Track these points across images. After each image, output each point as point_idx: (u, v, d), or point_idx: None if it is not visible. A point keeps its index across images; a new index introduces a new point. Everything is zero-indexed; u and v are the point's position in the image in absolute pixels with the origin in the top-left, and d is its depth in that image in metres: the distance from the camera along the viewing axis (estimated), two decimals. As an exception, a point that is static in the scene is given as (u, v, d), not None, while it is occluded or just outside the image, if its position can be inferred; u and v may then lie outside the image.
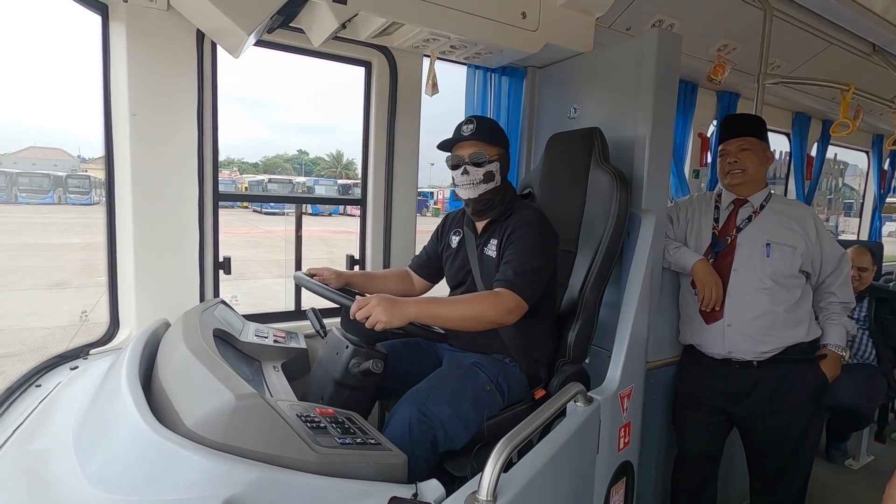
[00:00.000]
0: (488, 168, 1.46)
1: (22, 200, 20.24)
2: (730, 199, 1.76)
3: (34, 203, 20.08)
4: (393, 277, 1.77)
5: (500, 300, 1.32)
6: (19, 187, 20.56)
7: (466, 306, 1.30)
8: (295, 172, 46.10)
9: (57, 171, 23.71)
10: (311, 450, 0.92)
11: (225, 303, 1.67)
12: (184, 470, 0.84)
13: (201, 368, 1.02)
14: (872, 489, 2.53)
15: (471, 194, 1.49)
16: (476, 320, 1.29)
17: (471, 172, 1.46)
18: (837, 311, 1.70)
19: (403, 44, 1.81)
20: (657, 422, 1.85)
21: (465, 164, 1.46)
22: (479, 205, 1.51)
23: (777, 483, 1.72)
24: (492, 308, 1.30)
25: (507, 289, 1.33)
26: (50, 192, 20.97)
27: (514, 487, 0.99)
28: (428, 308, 1.26)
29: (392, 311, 1.18)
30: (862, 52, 2.88)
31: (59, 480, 0.88)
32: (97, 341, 1.61)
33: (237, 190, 22.75)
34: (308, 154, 55.71)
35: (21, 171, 22.26)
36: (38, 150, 34.72)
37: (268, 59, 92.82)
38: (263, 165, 51.89)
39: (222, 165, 37.52)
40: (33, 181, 21.17)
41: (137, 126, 1.56)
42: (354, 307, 1.20)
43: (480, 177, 1.46)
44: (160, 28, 1.55)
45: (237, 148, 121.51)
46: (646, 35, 1.67)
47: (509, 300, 1.32)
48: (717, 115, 3.10)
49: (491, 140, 1.48)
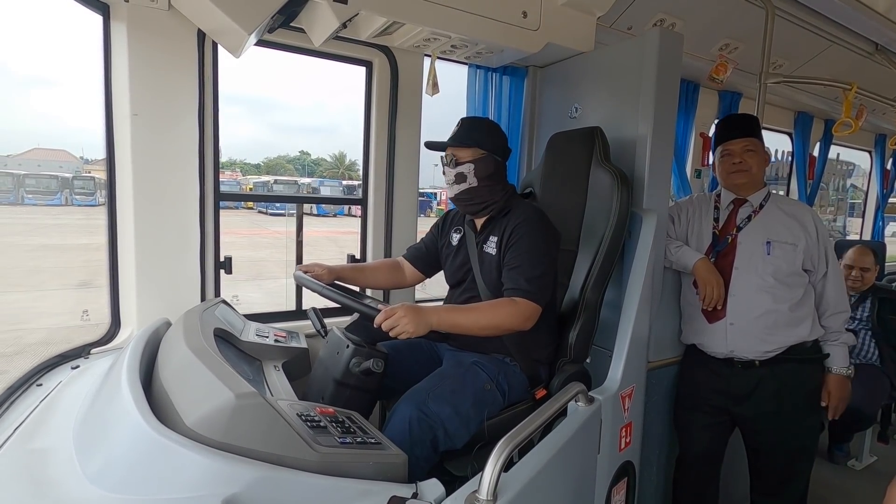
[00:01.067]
0: (459, 170, 1.50)
1: (28, 202, 20.31)
2: (729, 199, 1.76)
3: (41, 204, 20.17)
4: (383, 270, 1.77)
5: (519, 309, 1.35)
6: (26, 189, 20.65)
7: (486, 315, 1.34)
8: (297, 173, 46.15)
9: (62, 172, 23.77)
10: (311, 449, 0.92)
11: (226, 302, 1.67)
12: (184, 469, 0.84)
13: (202, 367, 1.02)
14: (875, 490, 2.52)
15: (450, 193, 1.56)
16: (495, 329, 1.35)
17: (447, 174, 1.53)
18: (835, 328, 1.68)
19: (404, 43, 1.81)
20: (659, 422, 1.85)
21: (445, 165, 1.53)
22: (460, 203, 1.56)
23: (779, 484, 1.71)
24: (511, 318, 1.34)
25: (524, 298, 1.36)
26: (58, 193, 21.10)
27: (514, 487, 0.99)
28: (449, 316, 1.30)
29: (418, 322, 1.22)
30: (864, 51, 2.87)
31: (59, 479, 0.88)
32: (98, 341, 1.62)
33: (241, 192, 22.85)
34: (310, 155, 55.90)
35: (28, 172, 22.30)
36: (42, 152, 34.83)
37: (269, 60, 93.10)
38: (266, 166, 51.96)
39: (224, 167, 37.41)
40: (40, 182, 21.28)
41: (138, 126, 1.56)
42: (381, 317, 1.21)
43: (453, 178, 1.51)
44: (161, 28, 1.55)
45: (238, 148, 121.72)
46: (647, 34, 1.67)
47: (527, 309, 1.36)
48: (719, 115, 3.10)
49: (466, 142, 1.50)
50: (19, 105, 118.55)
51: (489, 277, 1.51)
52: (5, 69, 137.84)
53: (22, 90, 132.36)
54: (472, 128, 1.54)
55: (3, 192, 20.45)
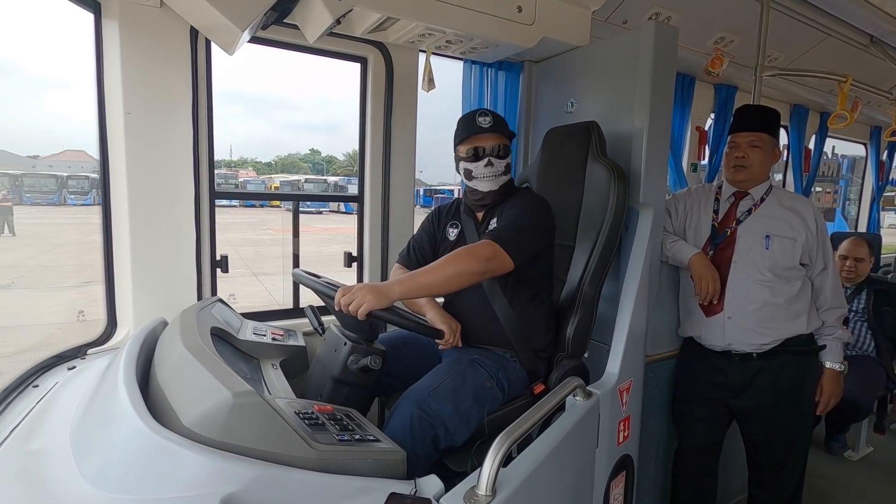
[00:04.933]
0: (508, 160, 1.50)
1: (71, 202, 20.92)
2: (730, 192, 1.76)
3: (80, 204, 20.67)
4: None
5: (476, 249, 1.31)
6: (69, 189, 21.25)
7: (445, 266, 1.29)
8: (311, 171, 45.97)
9: (84, 172, 24.06)
10: (309, 447, 0.92)
11: (223, 301, 1.67)
12: (181, 468, 0.84)
13: (198, 367, 1.02)
14: (872, 480, 2.54)
15: (492, 186, 1.50)
16: (459, 276, 1.28)
17: (495, 164, 1.48)
18: (830, 322, 1.69)
19: (399, 39, 1.80)
20: (657, 415, 1.85)
21: (489, 155, 1.48)
22: (498, 197, 1.53)
23: (776, 475, 1.72)
24: (469, 259, 1.29)
25: (488, 239, 1.34)
26: (89, 192, 21.49)
27: (513, 482, 0.99)
28: (411, 281, 1.27)
29: (378, 293, 1.19)
30: (859, 43, 2.87)
31: (56, 480, 0.87)
32: (94, 341, 1.61)
33: (267, 191, 23.27)
34: (320, 153, 55.51)
35: (70, 174, 22.88)
36: (71, 153, 34.64)
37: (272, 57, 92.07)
38: (279, 165, 51.64)
39: (238, 166, 38.02)
40: (79, 183, 21.88)
41: (132, 124, 1.55)
42: (338, 295, 1.21)
43: (503, 168, 1.49)
44: (154, 25, 1.53)
45: (247, 147, 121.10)
46: (642, 28, 1.66)
47: (484, 248, 1.31)
48: (715, 109, 3.10)
49: (506, 133, 1.51)
50: (35, 106, 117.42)
51: None
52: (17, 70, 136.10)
53: (38, 91, 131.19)
54: (504, 120, 1.55)
55: (46, 194, 20.97)
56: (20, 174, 21.92)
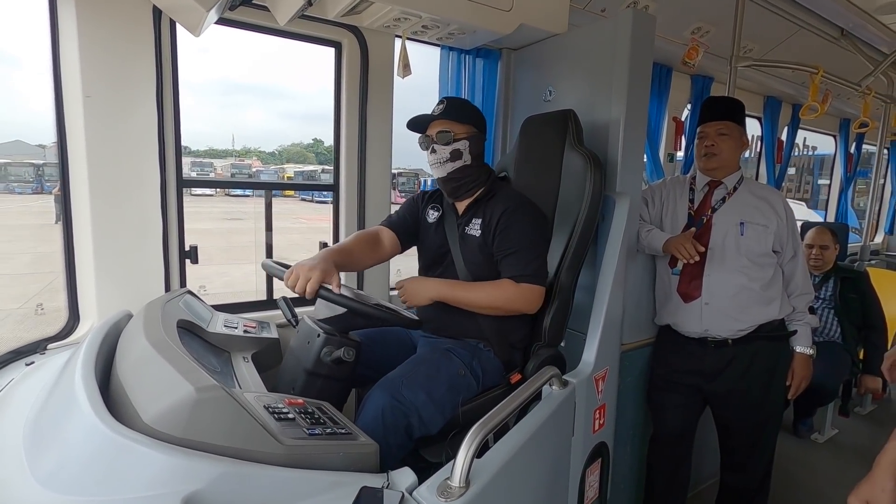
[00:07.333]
0: (455, 146, 1.45)
1: None
2: (704, 181, 1.78)
3: None
4: (366, 249, 1.54)
5: (523, 293, 1.40)
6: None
7: (491, 294, 1.40)
8: (315, 161, 44.98)
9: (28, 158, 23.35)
10: (277, 442, 0.89)
11: (192, 293, 1.61)
12: (141, 467, 0.80)
13: (161, 361, 0.98)
14: (837, 461, 2.63)
15: (440, 173, 1.48)
16: (498, 309, 1.42)
17: (438, 151, 1.46)
18: (801, 308, 1.73)
19: (374, 23, 1.74)
20: (632, 403, 1.87)
21: (433, 143, 1.46)
22: (450, 184, 1.50)
23: (747, 459, 1.77)
24: (516, 300, 1.40)
25: (528, 282, 1.40)
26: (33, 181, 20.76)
27: (488, 472, 0.98)
28: (451, 291, 1.42)
29: (424, 288, 1.42)
30: (830, 35, 2.92)
31: (5, 482, 0.83)
32: (55, 335, 1.54)
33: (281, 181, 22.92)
34: (323, 142, 54.28)
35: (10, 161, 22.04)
36: None
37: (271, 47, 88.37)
38: (285, 154, 50.23)
39: (242, 155, 37.17)
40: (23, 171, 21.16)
41: (92, 108, 1.47)
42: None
43: (447, 155, 1.45)
44: (113, 4, 1.46)
45: (250, 137, 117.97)
46: (620, 16, 1.65)
47: (531, 292, 1.41)
48: (692, 99, 3.12)
49: (459, 118, 1.46)
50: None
51: (470, 259, 1.49)
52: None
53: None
54: (462, 106, 1.50)
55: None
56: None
